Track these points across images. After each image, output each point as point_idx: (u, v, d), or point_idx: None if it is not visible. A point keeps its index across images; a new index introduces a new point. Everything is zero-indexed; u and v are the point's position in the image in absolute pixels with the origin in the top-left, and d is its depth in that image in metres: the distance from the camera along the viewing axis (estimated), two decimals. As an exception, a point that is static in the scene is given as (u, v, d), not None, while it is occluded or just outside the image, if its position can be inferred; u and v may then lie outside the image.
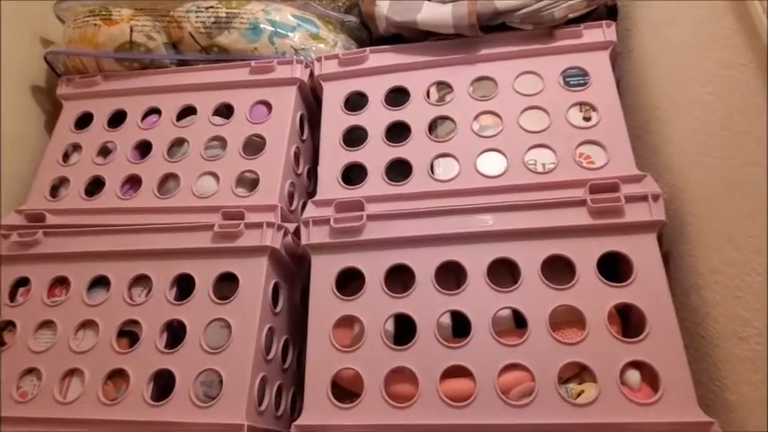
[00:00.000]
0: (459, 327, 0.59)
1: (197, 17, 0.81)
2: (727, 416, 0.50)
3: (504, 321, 0.58)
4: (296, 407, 0.71)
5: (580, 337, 0.54)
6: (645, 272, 0.56)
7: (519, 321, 0.58)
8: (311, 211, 0.67)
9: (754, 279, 0.46)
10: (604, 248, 0.58)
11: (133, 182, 0.77)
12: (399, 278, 0.63)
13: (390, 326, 0.60)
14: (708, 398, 0.52)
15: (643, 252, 0.57)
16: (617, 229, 0.58)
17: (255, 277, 0.65)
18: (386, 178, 0.68)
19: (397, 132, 0.71)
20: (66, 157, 0.81)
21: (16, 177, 0.84)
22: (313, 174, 0.83)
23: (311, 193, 0.82)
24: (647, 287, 0.55)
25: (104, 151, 0.81)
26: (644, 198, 0.58)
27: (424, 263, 0.61)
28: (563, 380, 0.53)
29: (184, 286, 0.68)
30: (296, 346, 0.73)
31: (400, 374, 0.57)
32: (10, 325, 0.70)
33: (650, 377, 0.52)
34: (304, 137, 0.81)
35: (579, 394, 0.52)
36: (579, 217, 0.59)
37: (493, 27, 0.73)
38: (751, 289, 0.47)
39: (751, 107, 0.46)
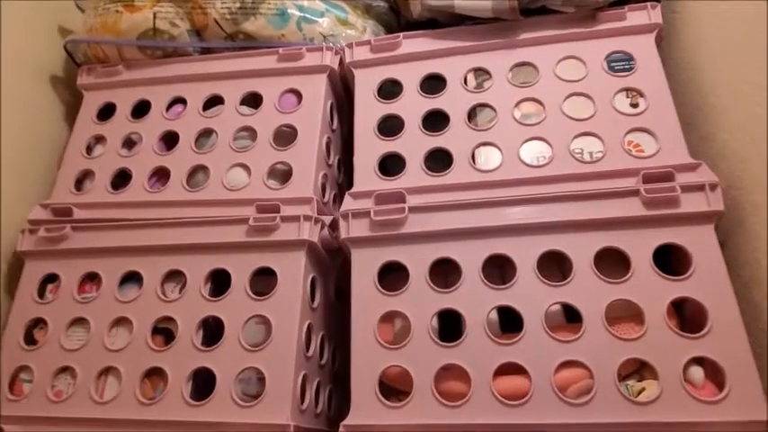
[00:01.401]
0: (507, 323, 0.57)
1: (222, 2, 0.78)
2: (796, 414, 0.48)
3: (555, 317, 0.57)
4: (331, 404, 0.70)
5: (638, 332, 0.52)
6: (704, 264, 0.54)
7: (570, 316, 0.56)
8: (350, 204, 0.65)
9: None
10: (660, 240, 0.56)
11: (160, 174, 0.75)
12: (439, 271, 0.61)
13: (435, 322, 0.58)
14: (775, 395, 0.50)
15: (701, 244, 0.55)
16: (673, 219, 0.56)
17: (294, 272, 0.63)
18: (425, 169, 0.65)
19: (435, 121, 0.69)
20: (89, 149, 0.79)
21: (37, 170, 0.82)
22: (342, 164, 0.81)
23: (341, 184, 0.80)
24: (707, 280, 0.53)
25: (129, 143, 0.79)
26: (701, 187, 0.56)
27: (469, 256, 0.59)
28: (622, 377, 0.52)
29: (219, 282, 0.66)
30: (331, 342, 0.71)
31: (450, 372, 0.55)
32: (40, 323, 0.68)
33: (714, 374, 0.51)
34: (334, 126, 0.79)
35: (640, 392, 0.51)
36: (632, 207, 0.57)
37: (533, 10, 0.70)
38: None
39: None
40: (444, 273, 0.61)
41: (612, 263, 0.57)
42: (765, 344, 0.52)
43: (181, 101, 0.79)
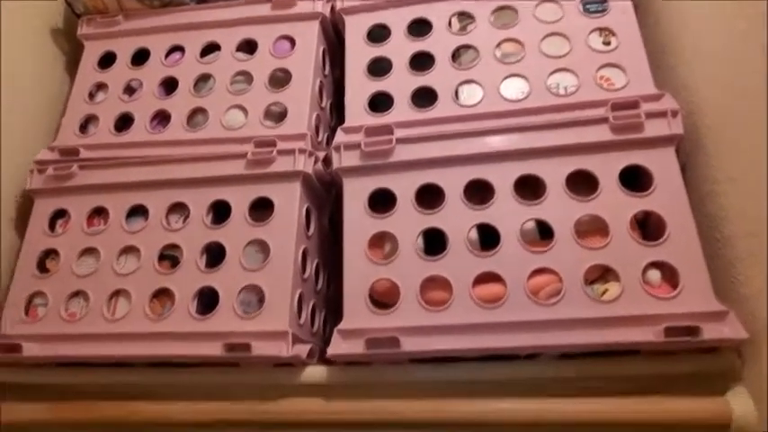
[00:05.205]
0: (486, 242, 0.62)
1: (217, -47, 0.81)
2: (741, 307, 0.53)
3: (530, 233, 0.62)
4: (326, 329, 0.75)
5: (604, 243, 0.58)
6: (664, 182, 0.59)
7: (543, 234, 0.62)
8: (341, 137, 0.69)
9: (763, 184, 0.50)
10: (626, 162, 0.61)
11: (161, 118, 0.79)
12: (425, 201, 0.66)
13: (421, 242, 0.63)
14: (723, 292, 0.56)
15: (662, 164, 0.60)
16: (638, 143, 0.61)
17: (290, 201, 0.68)
18: (412, 105, 0.70)
19: (421, 62, 0.73)
20: (91, 95, 0.83)
21: (41, 118, 0.85)
22: (335, 108, 0.85)
23: (334, 127, 0.85)
24: (667, 195, 0.58)
25: (129, 89, 0.83)
26: (663, 114, 0.61)
27: (452, 181, 0.64)
28: (588, 281, 0.57)
29: (220, 214, 0.70)
30: (326, 271, 0.77)
31: (434, 283, 0.60)
32: (52, 254, 0.73)
33: (670, 276, 0.56)
34: (326, 71, 0.83)
35: (604, 293, 0.56)
36: (602, 133, 0.62)
37: (513, -44, 0.74)
38: (761, 192, 0.50)
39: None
40: (430, 203, 0.66)
41: (583, 187, 0.62)
42: (718, 250, 0.58)
43: (179, 49, 0.83)
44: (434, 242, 0.63)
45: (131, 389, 0.66)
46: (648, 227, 0.61)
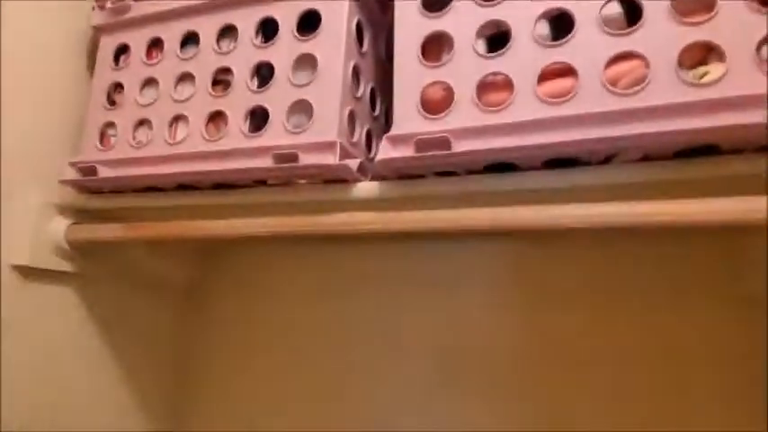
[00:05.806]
0: (558, 36, 0.53)
1: None
2: None
3: (613, 24, 0.51)
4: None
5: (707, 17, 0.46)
6: (802, -69, 0.45)
7: (632, 23, 0.51)
8: (392, -69, 0.60)
9: None
10: None
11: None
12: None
13: (482, 44, 0.56)
14: None
15: None
16: None
17: (338, 11, 0.62)
18: None
19: None
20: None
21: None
22: None
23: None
24: (804, -53, 0.45)
25: None
26: None
27: (520, -34, 0.54)
28: (684, 66, 0.47)
29: (269, 35, 0.67)
30: (383, 101, 0.72)
31: (493, 84, 0.53)
32: (118, 87, 0.75)
33: (795, 51, 0.44)
34: None
35: (703, 76, 0.46)
36: None
37: None
38: None
39: None
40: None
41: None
42: None
43: None
44: (497, 43, 0.55)
45: (195, 210, 0.69)
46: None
